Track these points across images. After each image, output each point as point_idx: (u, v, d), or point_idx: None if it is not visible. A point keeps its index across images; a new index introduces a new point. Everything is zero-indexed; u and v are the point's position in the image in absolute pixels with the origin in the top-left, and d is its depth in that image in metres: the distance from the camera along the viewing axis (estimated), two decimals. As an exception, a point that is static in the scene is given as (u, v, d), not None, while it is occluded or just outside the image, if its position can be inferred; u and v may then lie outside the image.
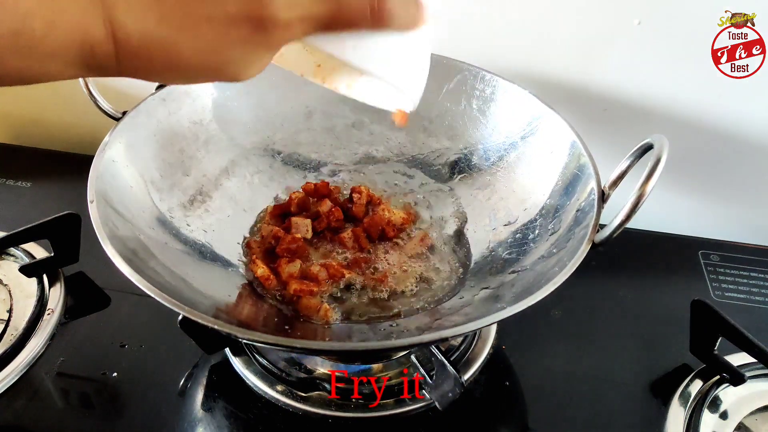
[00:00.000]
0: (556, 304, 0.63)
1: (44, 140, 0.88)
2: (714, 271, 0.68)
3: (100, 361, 0.55)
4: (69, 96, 0.82)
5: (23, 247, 0.63)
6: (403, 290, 0.56)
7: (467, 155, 0.65)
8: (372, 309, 0.54)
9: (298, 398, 0.52)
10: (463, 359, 0.56)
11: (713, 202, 0.74)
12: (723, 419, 0.52)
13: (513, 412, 0.54)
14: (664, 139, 0.44)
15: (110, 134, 0.52)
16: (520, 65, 0.68)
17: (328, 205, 0.61)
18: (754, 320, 0.62)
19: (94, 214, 0.44)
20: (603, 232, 0.45)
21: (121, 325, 0.59)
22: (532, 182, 0.59)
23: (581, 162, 0.53)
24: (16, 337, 0.55)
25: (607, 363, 0.58)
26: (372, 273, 0.57)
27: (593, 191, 0.49)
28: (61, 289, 0.61)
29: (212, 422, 0.51)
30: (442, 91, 0.65)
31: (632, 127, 0.69)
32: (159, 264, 0.47)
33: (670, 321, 0.61)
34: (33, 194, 0.75)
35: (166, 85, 0.58)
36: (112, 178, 0.50)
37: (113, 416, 0.51)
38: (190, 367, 0.55)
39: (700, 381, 0.55)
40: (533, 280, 0.47)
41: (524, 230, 0.56)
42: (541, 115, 0.59)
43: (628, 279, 0.67)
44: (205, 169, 0.61)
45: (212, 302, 0.49)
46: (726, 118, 0.67)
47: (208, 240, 0.57)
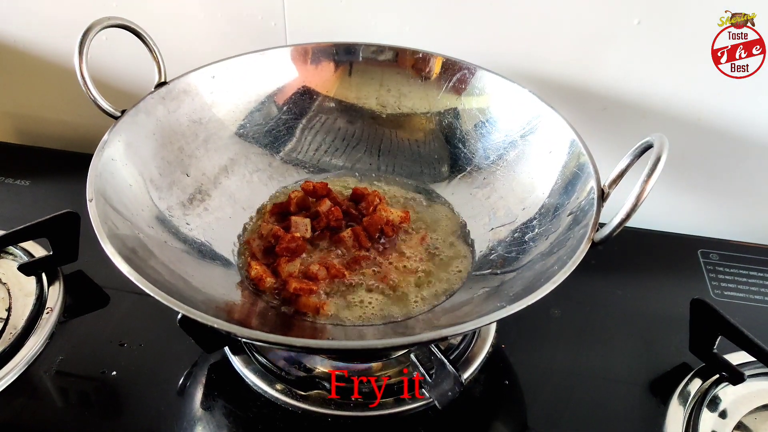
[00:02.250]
0: (555, 303, 0.63)
1: (43, 139, 0.88)
2: (713, 270, 0.68)
3: (99, 360, 0.55)
4: (68, 95, 0.82)
5: (22, 245, 0.63)
6: (403, 289, 0.56)
7: (467, 154, 0.65)
8: (372, 308, 0.54)
9: (297, 397, 0.52)
10: (462, 358, 0.56)
11: (713, 201, 0.74)
12: (722, 418, 0.53)
13: (512, 410, 0.54)
14: (664, 138, 0.44)
15: (109, 133, 0.52)
16: (520, 64, 0.68)
17: (328, 205, 0.61)
18: (753, 319, 0.62)
19: (93, 212, 0.44)
20: (602, 231, 0.45)
21: (121, 323, 0.59)
22: (532, 181, 0.59)
23: (581, 161, 0.53)
24: (15, 336, 0.55)
25: (607, 362, 0.58)
26: (372, 272, 0.57)
27: (593, 190, 0.49)
28: (60, 287, 0.61)
29: (211, 421, 0.51)
30: (442, 89, 0.65)
31: (632, 126, 0.69)
32: (158, 263, 0.47)
33: (669, 320, 0.61)
34: (32, 193, 0.75)
35: (166, 83, 0.58)
36: (111, 177, 0.50)
37: (112, 415, 0.51)
38: (190, 366, 0.55)
39: (699, 380, 0.55)
40: (533, 279, 0.47)
41: (524, 229, 0.56)
42: (541, 113, 0.59)
43: (627, 278, 0.67)
44: (204, 168, 0.61)
45: (212, 301, 0.49)
46: (726, 117, 0.67)
47: (208, 239, 0.57)
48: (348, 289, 0.55)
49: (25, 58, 0.80)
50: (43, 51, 0.79)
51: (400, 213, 0.62)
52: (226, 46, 0.67)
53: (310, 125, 0.68)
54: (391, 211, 0.62)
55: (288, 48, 0.66)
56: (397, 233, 0.61)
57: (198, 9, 0.73)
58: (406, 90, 0.67)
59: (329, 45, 0.67)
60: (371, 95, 0.68)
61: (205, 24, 0.73)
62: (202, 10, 0.73)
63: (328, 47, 0.67)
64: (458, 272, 0.58)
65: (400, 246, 0.60)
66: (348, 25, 0.70)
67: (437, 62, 0.65)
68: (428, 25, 0.68)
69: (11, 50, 0.80)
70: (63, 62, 0.80)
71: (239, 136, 0.65)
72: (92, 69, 0.53)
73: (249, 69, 0.64)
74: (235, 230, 0.60)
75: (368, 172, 0.68)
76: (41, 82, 0.83)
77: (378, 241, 0.60)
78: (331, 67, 0.67)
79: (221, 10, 0.72)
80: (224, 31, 0.73)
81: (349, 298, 0.54)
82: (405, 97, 0.67)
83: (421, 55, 0.66)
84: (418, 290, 0.56)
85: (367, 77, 0.68)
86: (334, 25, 0.71)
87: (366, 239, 0.59)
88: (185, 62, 0.61)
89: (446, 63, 0.65)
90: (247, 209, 0.62)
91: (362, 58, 0.67)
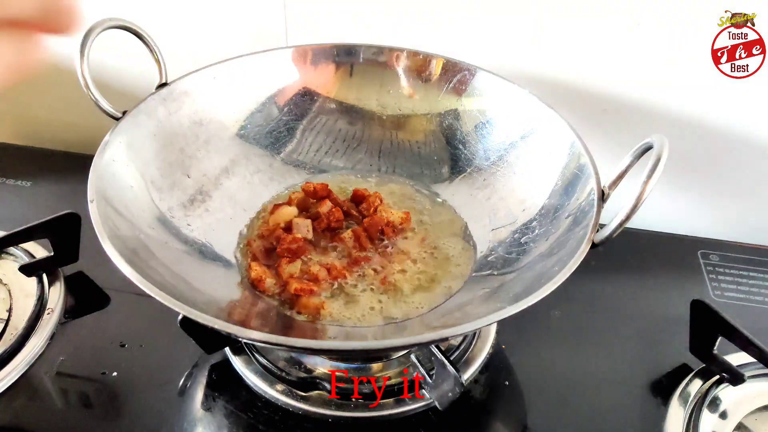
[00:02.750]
0: (555, 304, 0.63)
1: (44, 140, 0.88)
2: (713, 270, 0.68)
3: (99, 361, 0.55)
4: (69, 96, 0.82)
5: (23, 246, 0.63)
6: (403, 290, 0.56)
7: (467, 155, 0.65)
8: (372, 309, 0.54)
9: (297, 398, 0.52)
10: (462, 359, 0.56)
11: (713, 201, 0.74)
12: (723, 419, 0.53)
13: (513, 411, 0.54)
14: (664, 139, 0.44)
15: (110, 134, 0.52)
16: (521, 66, 0.68)
17: (328, 206, 0.61)
18: (753, 320, 0.62)
19: (94, 213, 0.44)
20: (603, 232, 0.45)
21: (121, 324, 0.59)
22: (532, 182, 0.59)
23: (581, 162, 0.53)
24: (16, 337, 0.55)
25: (607, 363, 0.58)
26: (372, 273, 0.57)
27: (593, 191, 0.49)
28: (61, 288, 0.61)
29: (212, 422, 0.51)
30: (442, 90, 0.66)
31: (632, 127, 0.69)
32: (159, 263, 0.47)
33: (669, 321, 0.61)
34: (33, 193, 0.75)
35: (167, 84, 0.59)
36: (112, 178, 0.50)
37: (113, 416, 0.51)
38: (190, 367, 0.55)
39: (699, 381, 0.55)
40: (533, 280, 0.47)
41: (524, 230, 0.56)
42: (541, 115, 0.59)
43: (627, 279, 0.67)
44: (205, 169, 0.61)
45: (212, 302, 0.49)
46: (726, 118, 0.67)
47: (209, 240, 0.57)
48: (348, 289, 0.56)
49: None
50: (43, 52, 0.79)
51: (401, 214, 0.62)
52: (227, 47, 0.67)
53: (311, 126, 0.68)
54: (391, 212, 0.62)
55: (289, 49, 0.66)
56: (397, 234, 0.61)
57: (199, 10, 0.73)
58: (407, 91, 0.67)
59: (330, 46, 0.67)
60: (372, 96, 0.68)
61: (206, 25, 0.74)
62: (203, 12, 0.73)
63: (329, 48, 0.67)
64: (458, 273, 0.58)
65: (400, 247, 0.60)
66: (348, 26, 0.71)
67: (438, 63, 0.65)
68: (429, 27, 0.68)
69: (12, 51, 0.80)
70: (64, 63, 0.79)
71: (240, 137, 0.65)
72: (93, 70, 0.53)
73: (250, 70, 0.64)
74: (235, 231, 0.60)
75: (369, 173, 0.69)
76: (42, 83, 0.83)
77: (378, 242, 0.60)
78: (331, 68, 0.67)
79: (222, 12, 0.72)
80: (225, 32, 0.74)
81: (349, 299, 0.55)
82: (405, 99, 0.67)
83: (422, 56, 0.66)
84: (419, 291, 0.56)
85: (367, 78, 0.68)
86: (334, 26, 0.71)
87: (366, 240, 0.59)
88: (186, 63, 0.61)
89: (447, 64, 0.65)
90: (248, 210, 0.63)
91: (363, 60, 0.67)
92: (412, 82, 0.67)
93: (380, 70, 0.67)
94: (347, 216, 0.62)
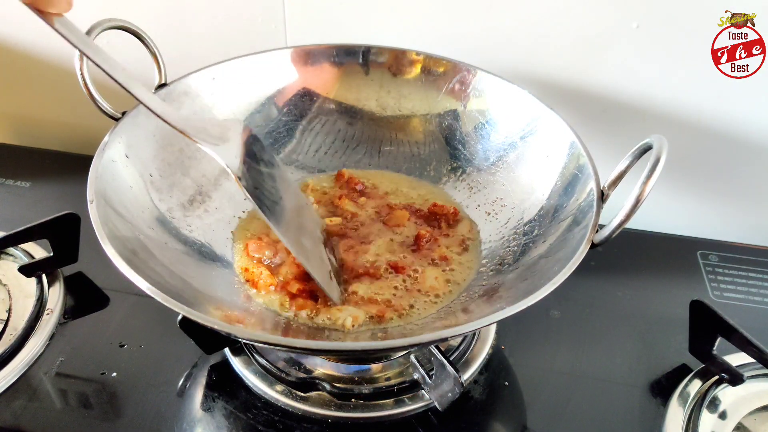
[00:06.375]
0: (555, 304, 0.63)
1: (44, 140, 0.88)
2: (713, 271, 0.68)
3: (99, 361, 0.55)
4: (69, 96, 0.83)
5: (22, 246, 0.63)
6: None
7: (466, 156, 0.65)
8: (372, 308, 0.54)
9: (297, 398, 0.52)
10: (462, 359, 0.56)
11: (712, 202, 0.74)
12: (722, 419, 0.53)
13: (512, 412, 0.54)
14: (663, 139, 0.44)
15: (110, 134, 0.53)
16: (520, 65, 0.68)
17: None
18: (752, 320, 0.62)
19: (93, 214, 0.44)
20: (602, 232, 0.45)
21: (121, 325, 0.59)
22: (532, 182, 0.59)
23: (580, 162, 0.53)
24: (15, 337, 0.55)
25: (606, 363, 0.58)
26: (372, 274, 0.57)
27: (592, 191, 0.49)
28: (61, 289, 0.61)
29: (211, 422, 0.51)
30: (442, 91, 0.66)
31: (631, 128, 0.69)
32: (158, 264, 0.47)
33: (669, 321, 0.61)
34: (32, 194, 0.75)
35: (166, 84, 0.59)
36: (111, 178, 0.50)
37: (112, 416, 0.51)
38: (190, 367, 0.55)
39: (699, 381, 0.55)
40: (532, 280, 0.47)
41: (524, 230, 0.56)
42: (541, 115, 0.59)
43: (627, 279, 0.67)
44: (205, 170, 0.61)
45: (212, 302, 0.49)
46: (726, 118, 0.67)
47: (208, 240, 0.57)
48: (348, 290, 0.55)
49: (26, 60, 0.80)
50: (43, 52, 0.79)
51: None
52: (226, 47, 0.67)
53: (310, 127, 0.68)
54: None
55: (288, 50, 0.66)
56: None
57: (198, 11, 0.73)
58: (406, 91, 0.67)
59: (329, 47, 0.67)
60: (371, 97, 0.68)
61: (205, 26, 0.74)
62: (203, 12, 0.73)
63: (328, 49, 0.67)
64: (458, 273, 0.58)
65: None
66: (348, 26, 0.71)
67: (437, 64, 0.65)
68: (428, 27, 0.68)
69: (12, 52, 0.80)
70: (64, 64, 0.80)
71: (239, 137, 0.65)
72: (93, 70, 0.53)
73: (249, 71, 0.64)
74: (235, 231, 0.60)
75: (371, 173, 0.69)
76: (42, 83, 0.83)
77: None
78: (331, 68, 0.67)
79: (222, 12, 0.72)
80: (224, 32, 0.73)
81: (349, 299, 0.54)
82: (405, 99, 0.67)
83: (422, 57, 0.66)
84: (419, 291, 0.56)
85: (367, 79, 0.68)
86: (334, 26, 0.71)
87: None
88: (185, 64, 0.61)
89: (446, 64, 0.65)
90: (248, 211, 0.63)
91: (362, 60, 0.67)
92: (412, 83, 0.67)
93: (380, 71, 0.67)
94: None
